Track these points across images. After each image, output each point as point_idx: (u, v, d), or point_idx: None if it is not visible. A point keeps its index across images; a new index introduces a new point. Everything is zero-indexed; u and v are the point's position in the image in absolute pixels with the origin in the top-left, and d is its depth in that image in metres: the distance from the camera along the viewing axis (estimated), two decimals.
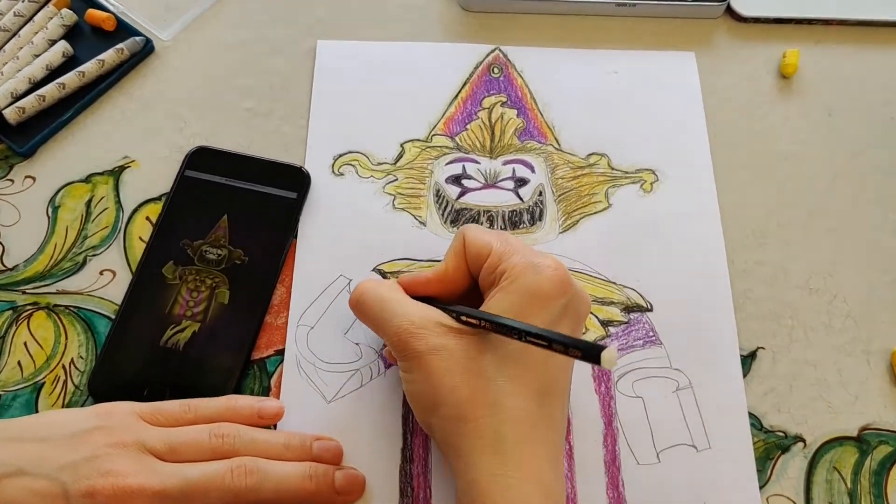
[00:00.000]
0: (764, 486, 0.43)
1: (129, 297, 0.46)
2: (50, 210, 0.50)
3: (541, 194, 0.51)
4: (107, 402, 0.41)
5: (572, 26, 0.57)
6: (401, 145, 0.52)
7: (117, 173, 0.51)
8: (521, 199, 0.51)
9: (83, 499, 0.36)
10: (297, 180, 0.50)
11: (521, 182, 0.51)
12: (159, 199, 0.50)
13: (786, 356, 0.47)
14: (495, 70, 0.55)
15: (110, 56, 0.53)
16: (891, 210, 0.51)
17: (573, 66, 0.55)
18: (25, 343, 0.46)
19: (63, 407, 0.44)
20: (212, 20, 0.57)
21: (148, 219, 0.49)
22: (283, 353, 0.46)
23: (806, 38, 0.57)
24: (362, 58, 0.55)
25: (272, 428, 0.43)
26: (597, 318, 0.47)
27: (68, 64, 0.53)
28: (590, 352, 0.31)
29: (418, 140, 0.53)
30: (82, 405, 0.44)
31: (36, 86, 0.52)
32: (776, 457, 0.44)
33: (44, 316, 0.46)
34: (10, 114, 0.51)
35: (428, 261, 0.49)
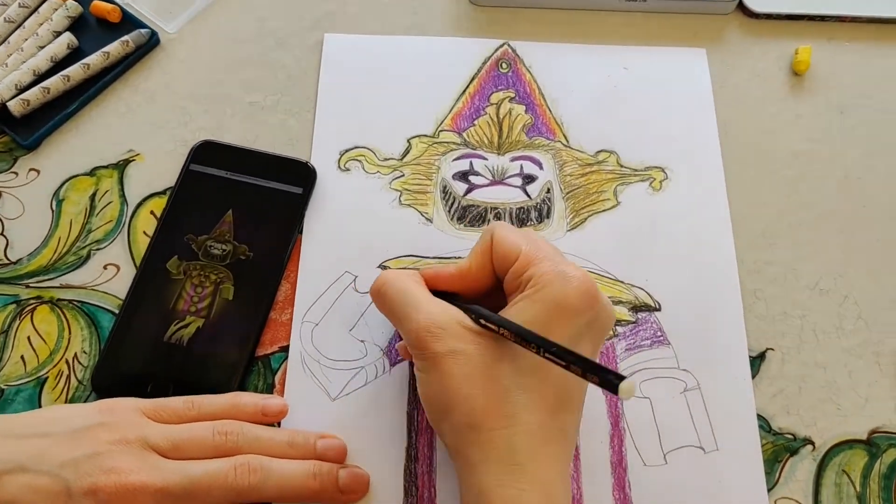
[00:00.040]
0: (772, 488, 0.43)
1: (133, 291, 0.46)
2: (54, 203, 0.49)
3: (549, 191, 0.50)
4: (110, 398, 0.41)
5: (582, 21, 0.57)
6: (408, 141, 0.52)
7: (122, 167, 0.51)
8: (528, 196, 0.50)
9: (85, 496, 0.36)
10: (302, 175, 0.50)
11: (529, 179, 0.51)
12: (164, 193, 0.50)
13: (795, 358, 0.46)
14: (504, 65, 0.55)
15: (115, 48, 0.53)
16: None
17: (582, 62, 0.55)
18: (29, 337, 0.45)
19: (66, 402, 0.44)
20: (218, 13, 0.56)
21: (152, 213, 0.49)
22: (287, 350, 0.45)
23: (818, 35, 0.56)
24: (370, 52, 0.55)
25: (276, 425, 0.43)
26: None
27: (73, 56, 0.53)
28: (608, 380, 0.30)
29: (425, 135, 0.52)
30: (85, 400, 0.44)
31: (40, 78, 0.52)
32: (785, 459, 0.44)
33: (47, 310, 0.46)
34: (15, 106, 0.50)
35: (434, 257, 0.48)
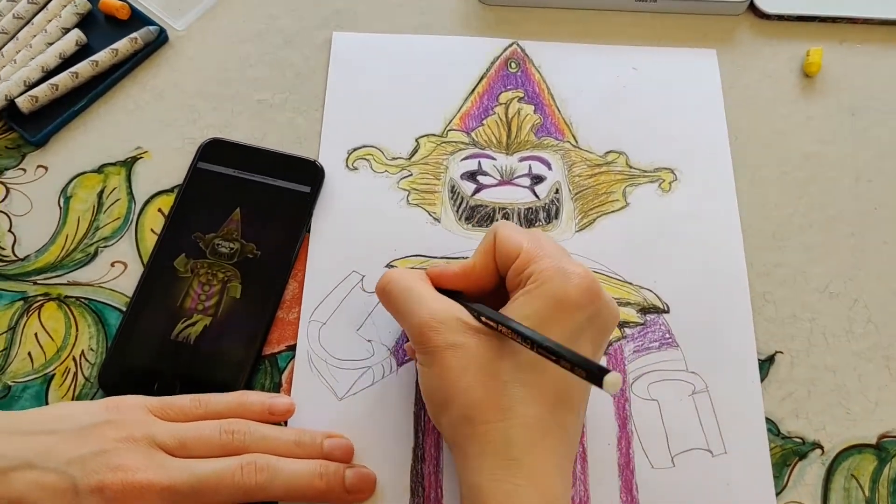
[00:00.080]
0: (780, 492, 0.43)
1: (141, 289, 0.46)
2: (62, 200, 0.49)
3: (557, 192, 0.50)
4: (117, 396, 0.41)
5: (591, 21, 0.56)
6: (416, 140, 0.52)
7: (130, 164, 0.51)
8: (537, 196, 0.50)
9: (92, 493, 0.36)
10: (310, 174, 0.49)
11: (538, 179, 0.51)
12: (172, 190, 0.50)
13: (804, 361, 0.46)
14: (513, 65, 0.54)
15: (124, 45, 0.53)
16: None
17: (592, 62, 0.55)
18: (36, 334, 0.45)
19: (73, 399, 0.44)
20: (226, 10, 0.56)
21: (160, 211, 0.49)
22: (294, 349, 0.45)
23: (830, 37, 0.56)
24: (378, 50, 0.55)
25: (283, 425, 0.43)
26: None
27: (81, 53, 0.53)
28: (594, 374, 0.31)
29: (434, 135, 0.52)
30: (92, 398, 0.44)
31: (49, 74, 0.52)
32: (793, 463, 0.43)
33: (55, 307, 0.46)
34: (23, 102, 0.50)
35: (442, 257, 0.48)
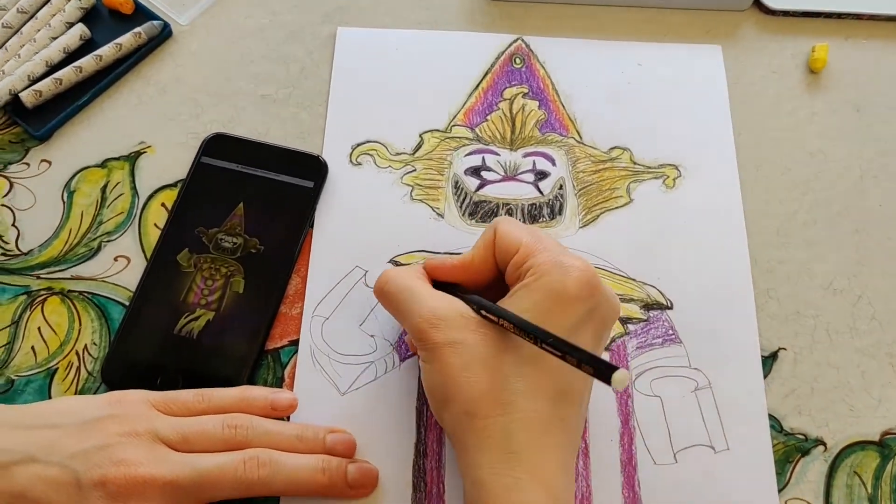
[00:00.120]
0: (783, 489, 0.43)
1: (144, 284, 0.46)
2: (65, 195, 0.49)
3: (561, 188, 0.50)
4: (119, 390, 0.41)
5: (596, 17, 0.56)
6: (420, 135, 0.52)
7: (133, 159, 0.51)
8: (540, 192, 0.50)
9: (95, 488, 0.36)
10: (314, 169, 0.49)
11: (542, 175, 0.50)
12: (175, 185, 0.50)
13: (808, 357, 0.46)
14: (517, 60, 0.54)
15: (128, 40, 0.53)
16: None
17: (597, 58, 0.54)
18: (39, 328, 0.46)
19: (76, 393, 0.44)
20: (230, 5, 0.56)
21: (163, 205, 0.49)
22: (297, 344, 0.45)
23: (836, 33, 0.56)
24: (382, 45, 0.55)
25: (285, 419, 0.43)
26: None
27: (85, 47, 0.53)
28: (602, 371, 0.31)
29: (438, 130, 0.52)
30: (95, 392, 0.44)
31: (53, 69, 0.52)
32: (796, 460, 0.43)
33: (58, 301, 0.46)
34: (27, 97, 0.50)
35: (444, 253, 0.48)
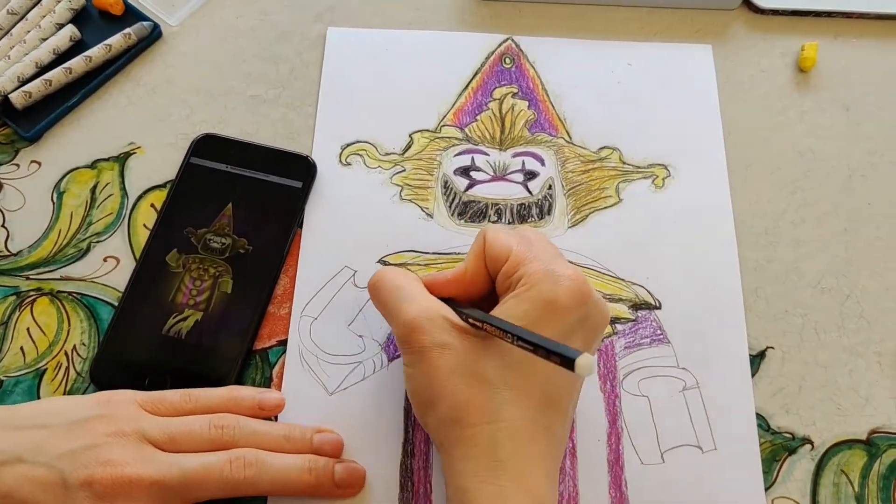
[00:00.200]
0: (769, 487, 0.43)
1: (133, 284, 0.46)
2: (55, 195, 0.49)
3: (550, 188, 0.50)
4: (108, 390, 0.41)
5: (586, 16, 0.56)
6: (409, 135, 0.52)
7: (123, 159, 0.51)
8: (529, 192, 0.50)
9: (81, 488, 0.36)
10: (303, 169, 0.49)
11: (531, 175, 0.50)
12: (164, 186, 0.50)
13: (796, 356, 0.46)
14: (507, 60, 0.54)
15: (117, 41, 0.53)
16: None
17: (586, 58, 0.55)
18: (28, 329, 0.46)
19: (65, 394, 0.44)
20: (220, 6, 0.56)
21: (153, 206, 0.49)
22: (285, 344, 0.45)
23: (825, 32, 0.56)
24: (372, 46, 0.55)
25: (273, 419, 0.43)
26: None
27: (75, 48, 0.53)
28: (566, 358, 0.31)
29: (427, 130, 0.52)
30: (84, 392, 0.44)
31: (42, 70, 0.52)
32: (783, 458, 0.43)
33: (47, 302, 0.46)
34: (17, 98, 0.50)
35: (434, 253, 0.48)
